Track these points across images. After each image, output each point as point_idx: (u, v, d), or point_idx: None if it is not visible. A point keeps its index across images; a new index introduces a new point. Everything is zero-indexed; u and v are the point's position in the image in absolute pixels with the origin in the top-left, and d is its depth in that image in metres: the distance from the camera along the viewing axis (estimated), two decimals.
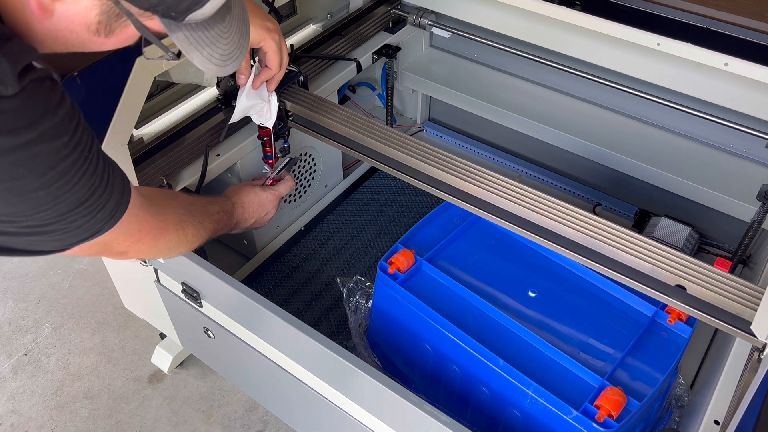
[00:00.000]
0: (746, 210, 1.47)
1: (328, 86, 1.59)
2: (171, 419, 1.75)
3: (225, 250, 1.71)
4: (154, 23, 0.70)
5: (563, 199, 1.15)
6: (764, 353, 0.96)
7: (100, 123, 1.12)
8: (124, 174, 0.84)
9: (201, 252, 1.45)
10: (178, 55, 0.77)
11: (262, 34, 1.19)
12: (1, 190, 0.68)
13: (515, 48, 1.66)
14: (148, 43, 0.75)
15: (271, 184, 1.38)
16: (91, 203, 0.76)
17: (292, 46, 1.61)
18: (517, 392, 1.11)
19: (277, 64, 1.24)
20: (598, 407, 1.04)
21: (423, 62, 1.92)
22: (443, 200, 1.25)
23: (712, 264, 1.07)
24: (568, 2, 1.41)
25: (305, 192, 1.72)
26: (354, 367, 1.05)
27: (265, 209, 1.33)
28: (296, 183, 1.68)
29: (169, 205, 1.02)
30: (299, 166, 1.65)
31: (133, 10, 0.68)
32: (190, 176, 1.36)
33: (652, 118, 1.66)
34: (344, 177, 1.86)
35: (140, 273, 1.43)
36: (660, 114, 1.64)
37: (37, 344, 1.94)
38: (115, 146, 1.16)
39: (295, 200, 1.70)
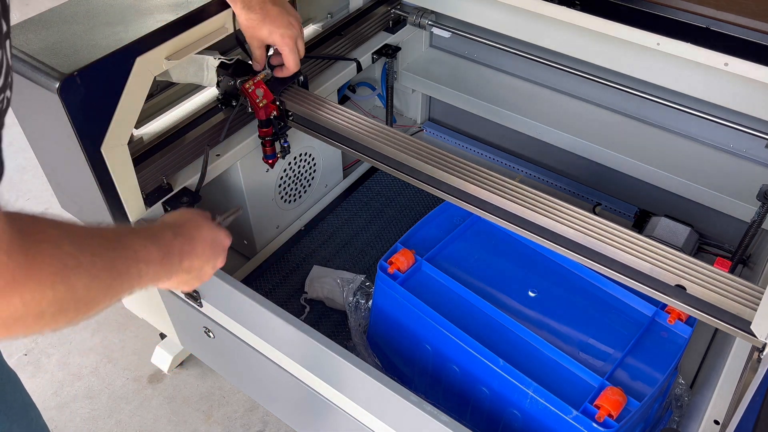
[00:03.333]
0: (746, 210, 1.47)
1: (328, 86, 1.59)
2: (171, 419, 1.75)
3: None
4: None
5: (563, 199, 1.15)
6: (764, 353, 0.96)
7: (100, 123, 1.12)
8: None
9: None
10: None
11: (273, 34, 1.24)
12: None
13: (515, 48, 1.66)
14: None
15: None
16: None
17: None
18: (517, 392, 1.11)
19: (293, 64, 1.31)
20: (598, 407, 1.04)
21: (423, 62, 1.92)
22: (443, 200, 1.25)
23: (712, 264, 1.07)
24: (568, 2, 1.41)
25: (305, 192, 1.72)
26: (354, 367, 1.05)
27: (217, 252, 0.92)
28: (296, 183, 1.68)
29: (46, 238, 0.57)
30: (300, 167, 1.65)
31: None
32: (190, 176, 1.36)
33: (652, 118, 1.66)
34: (344, 177, 1.86)
35: None
36: (660, 114, 1.63)
37: (37, 344, 1.94)
38: (115, 146, 1.16)
39: (295, 200, 1.70)
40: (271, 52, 1.37)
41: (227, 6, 1.26)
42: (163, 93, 1.45)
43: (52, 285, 0.56)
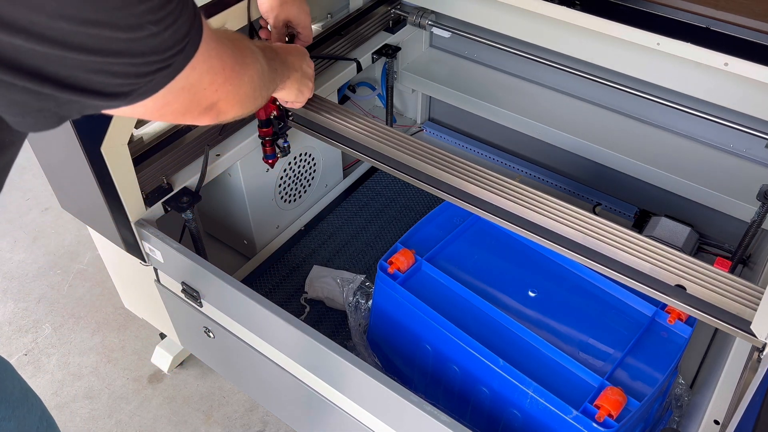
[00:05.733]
0: (746, 210, 1.47)
1: (328, 86, 1.59)
2: (171, 419, 1.75)
3: (225, 250, 1.71)
4: None
5: (563, 199, 1.15)
6: (764, 353, 0.96)
7: (100, 123, 1.12)
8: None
9: (201, 252, 1.45)
10: None
11: (302, 12, 1.33)
12: None
13: (515, 48, 1.66)
14: None
15: None
16: (167, 8, 0.57)
17: None
18: (517, 392, 1.11)
19: (310, 38, 1.41)
20: (598, 407, 1.04)
21: (423, 62, 1.92)
22: (443, 200, 1.25)
23: (712, 264, 1.07)
24: (568, 2, 1.41)
25: (305, 192, 1.72)
26: (354, 367, 1.05)
27: (304, 82, 1.23)
28: (296, 183, 1.69)
29: (232, 35, 0.82)
30: (300, 167, 1.65)
31: None
32: (190, 176, 1.36)
33: (652, 118, 1.66)
34: (344, 177, 1.86)
35: (140, 273, 1.43)
36: (660, 114, 1.64)
37: (37, 344, 1.94)
38: (115, 146, 1.16)
39: (295, 200, 1.70)
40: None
41: (227, 6, 1.26)
42: None
43: (253, 64, 0.85)
